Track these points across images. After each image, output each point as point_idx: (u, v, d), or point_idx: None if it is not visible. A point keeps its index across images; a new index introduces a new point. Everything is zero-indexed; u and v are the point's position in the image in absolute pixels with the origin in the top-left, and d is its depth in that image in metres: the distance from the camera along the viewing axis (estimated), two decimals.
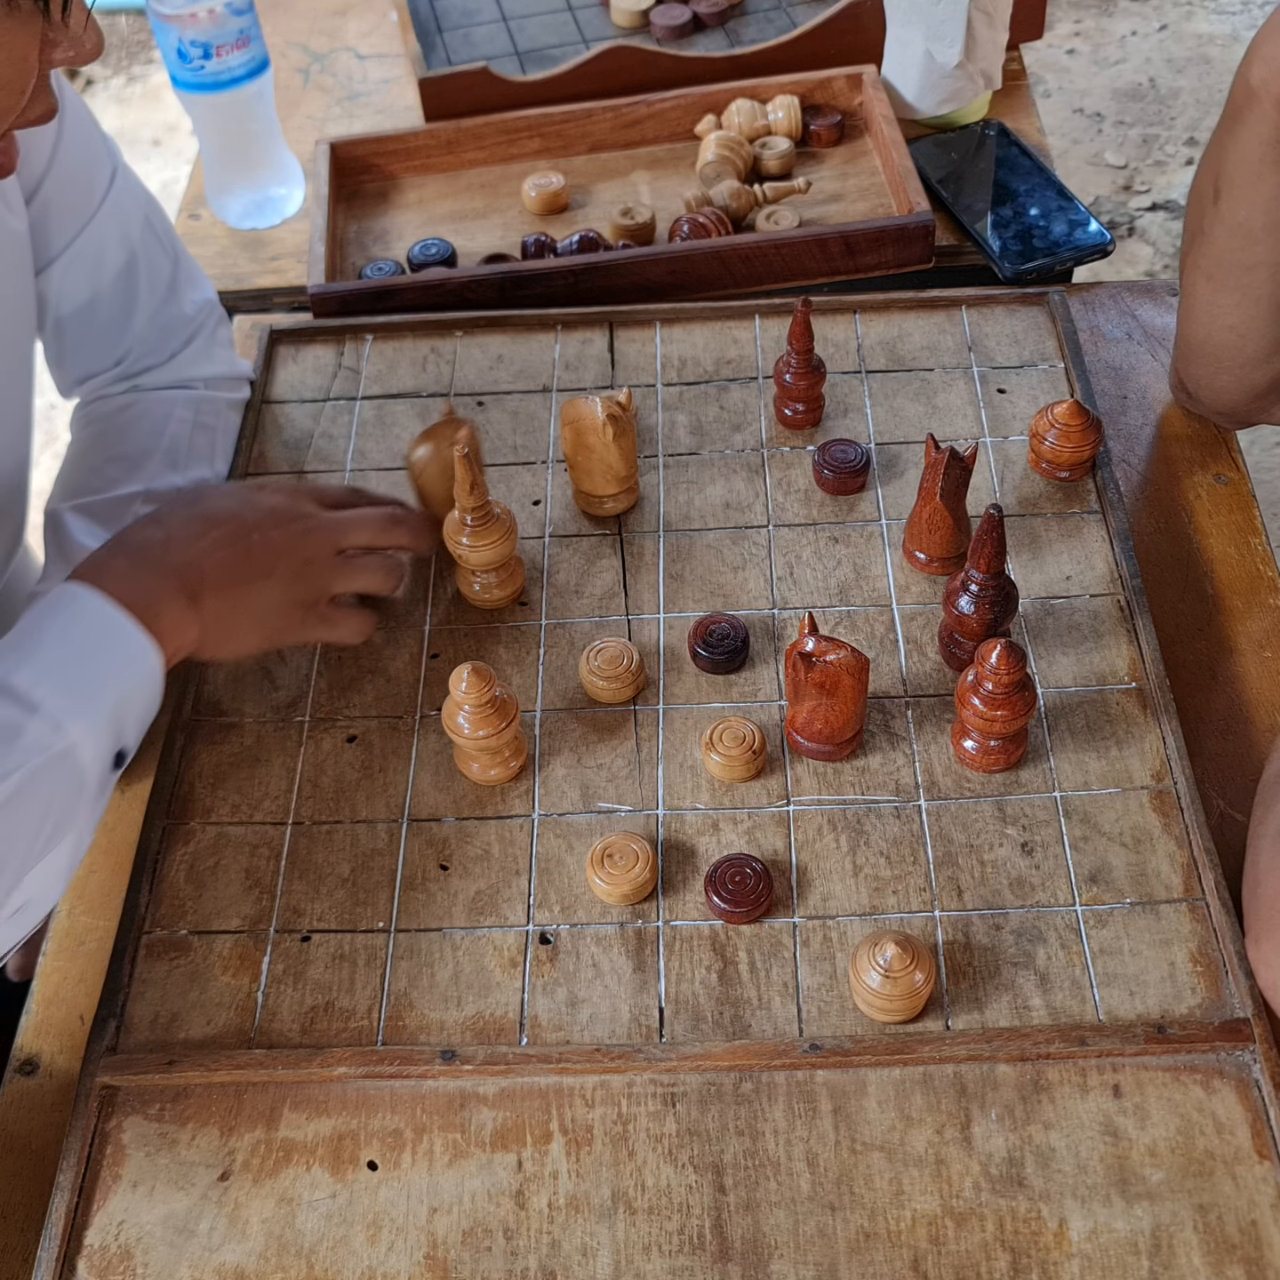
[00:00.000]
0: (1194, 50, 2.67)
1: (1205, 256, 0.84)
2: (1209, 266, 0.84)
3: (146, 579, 0.71)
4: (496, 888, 0.73)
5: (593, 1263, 0.62)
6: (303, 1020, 0.69)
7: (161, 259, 0.91)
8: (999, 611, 0.76)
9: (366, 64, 1.31)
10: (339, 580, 0.79)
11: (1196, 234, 0.85)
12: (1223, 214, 0.81)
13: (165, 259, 0.91)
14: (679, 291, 1.03)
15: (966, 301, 0.98)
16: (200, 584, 0.72)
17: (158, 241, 0.91)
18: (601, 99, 1.15)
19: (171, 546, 0.73)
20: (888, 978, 0.65)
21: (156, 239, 0.91)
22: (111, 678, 0.68)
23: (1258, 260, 0.81)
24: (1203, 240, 0.84)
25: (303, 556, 0.77)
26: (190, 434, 0.90)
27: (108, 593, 0.69)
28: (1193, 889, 0.70)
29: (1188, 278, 0.87)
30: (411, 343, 0.99)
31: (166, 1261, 0.63)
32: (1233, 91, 0.78)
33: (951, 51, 1.10)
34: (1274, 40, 0.74)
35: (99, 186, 0.86)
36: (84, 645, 0.68)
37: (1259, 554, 0.86)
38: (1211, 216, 0.82)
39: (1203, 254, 0.84)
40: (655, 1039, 0.67)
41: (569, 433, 0.84)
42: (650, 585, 0.85)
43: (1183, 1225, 0.61)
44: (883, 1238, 0.61)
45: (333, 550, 0.78)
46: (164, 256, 0.91)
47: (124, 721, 0.68)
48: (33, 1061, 0.71)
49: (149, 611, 0.69)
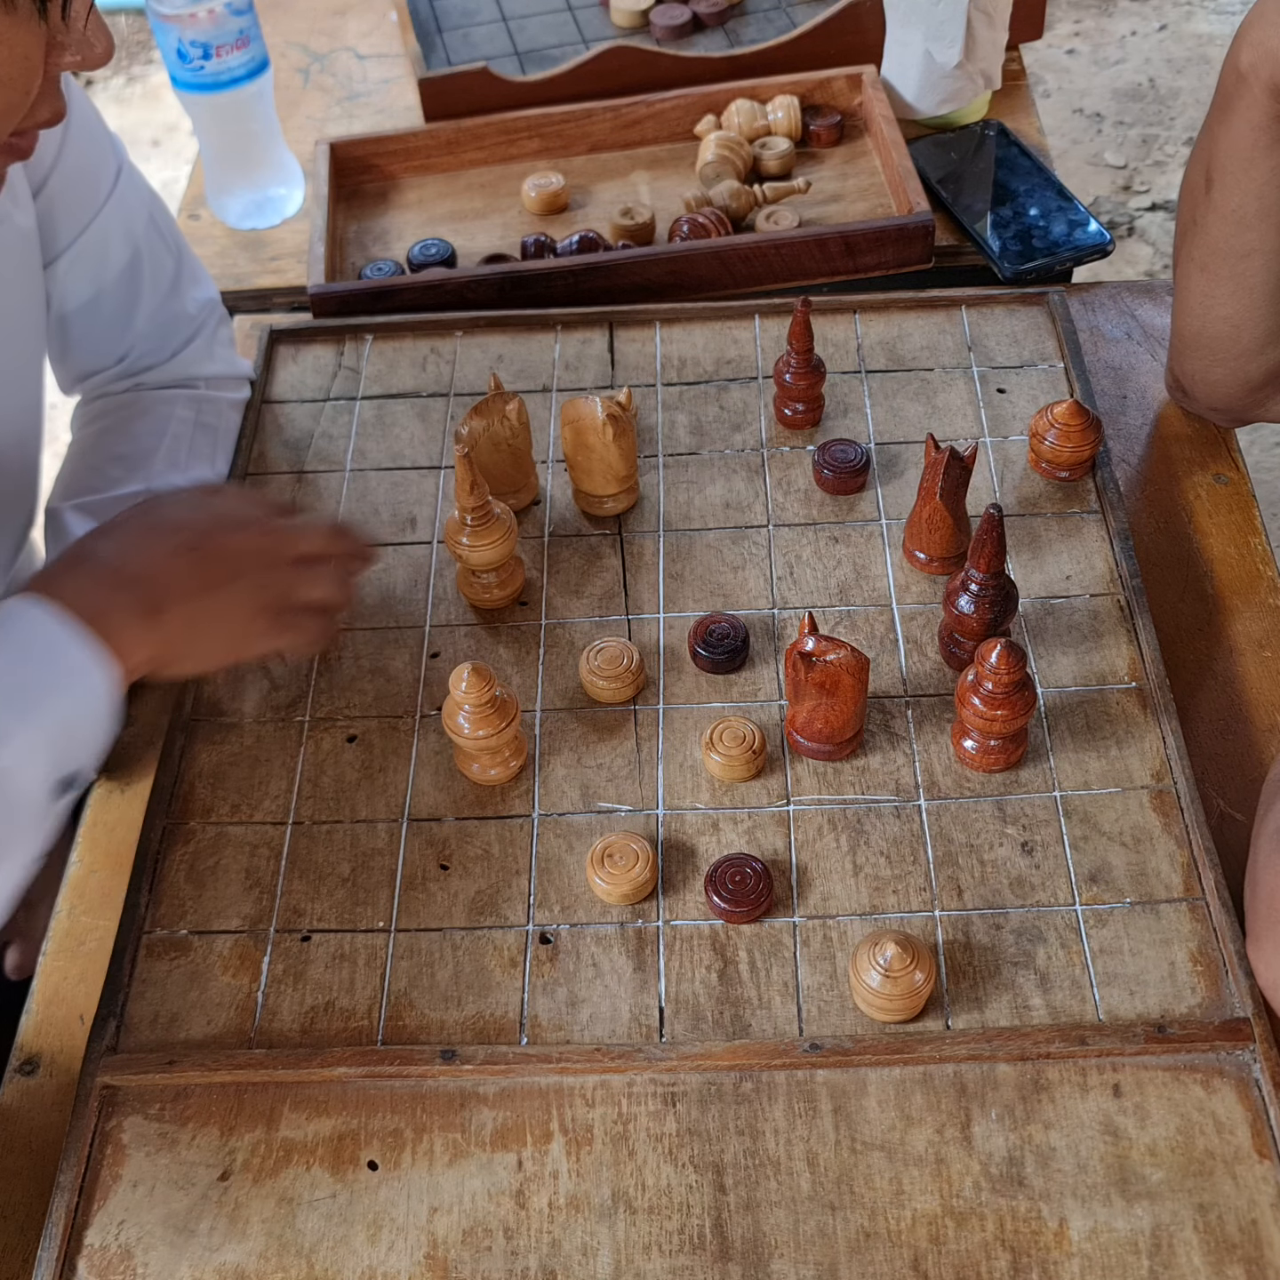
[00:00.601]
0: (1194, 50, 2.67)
1: (1199, 247, 0.84)
2: (1203, 257, 0.84)
3: (101, 593, 0.67)
4: (496, 888, 0.73)
5: (593, 1262, 0.62)
6: (303, 1020, 0.69)
7: (165, 256, 0.91)
8: (999, 611, 0.76)
9: (366, 64, 1.31)
10: (301, 585, 0.75)
11: (1189, 226, 0.85)
12: (1215, 203, 0.81)
13: (169, 256, 0.91)
14: (679, 291, 1.03)
15: (966, 301, 0.98)
16: (161, 596, 0.69)
17: (161, 239, 0.91)
18: (601, 99, 1.15)
19: (127, 558, 0.70)
20: (888, 977, 0.65)
21: (160, 236, 0.91)
22: (54, 696, 0.64)
23: (1252, 247, 0.81)
24: (1196, 231, 0.84)
25: (265, 560, 0.74)
26: (192, 433, 0.91)
27: (58, 607, 0.65)
28: (1193, 889, 0.70)
29: (1181, 270, 0.87)
30: (411, 343, 0.99)
31: (166, 1261, 0.63)
32: (1221, 79, 0.78)
33: (951, 51, 1.10)
34: (1261, 25, 0.74)
35: (104, 183, 0.86)
36: (24, 662, 0.64)
37: (1259, 554, 0.86)
38: (1204, 206, 0.82)
39: (1196, 245, 0.84)
40: (655, 1039, 0.67)
41: (569, 433, 0.84)
42: (650, 585, 0.85)
43: (1183, 1225, 0.61)
44: (883, 1237, 0.61)
45: (291, 555, 0.75)
46: (167, 254, 0.91)
47: (70, 743, 0.65)
48: (33, 1061, 0.71)
49: (103, 626, 0.66)
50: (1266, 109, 0.75)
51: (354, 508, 0.90)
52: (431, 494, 0.90)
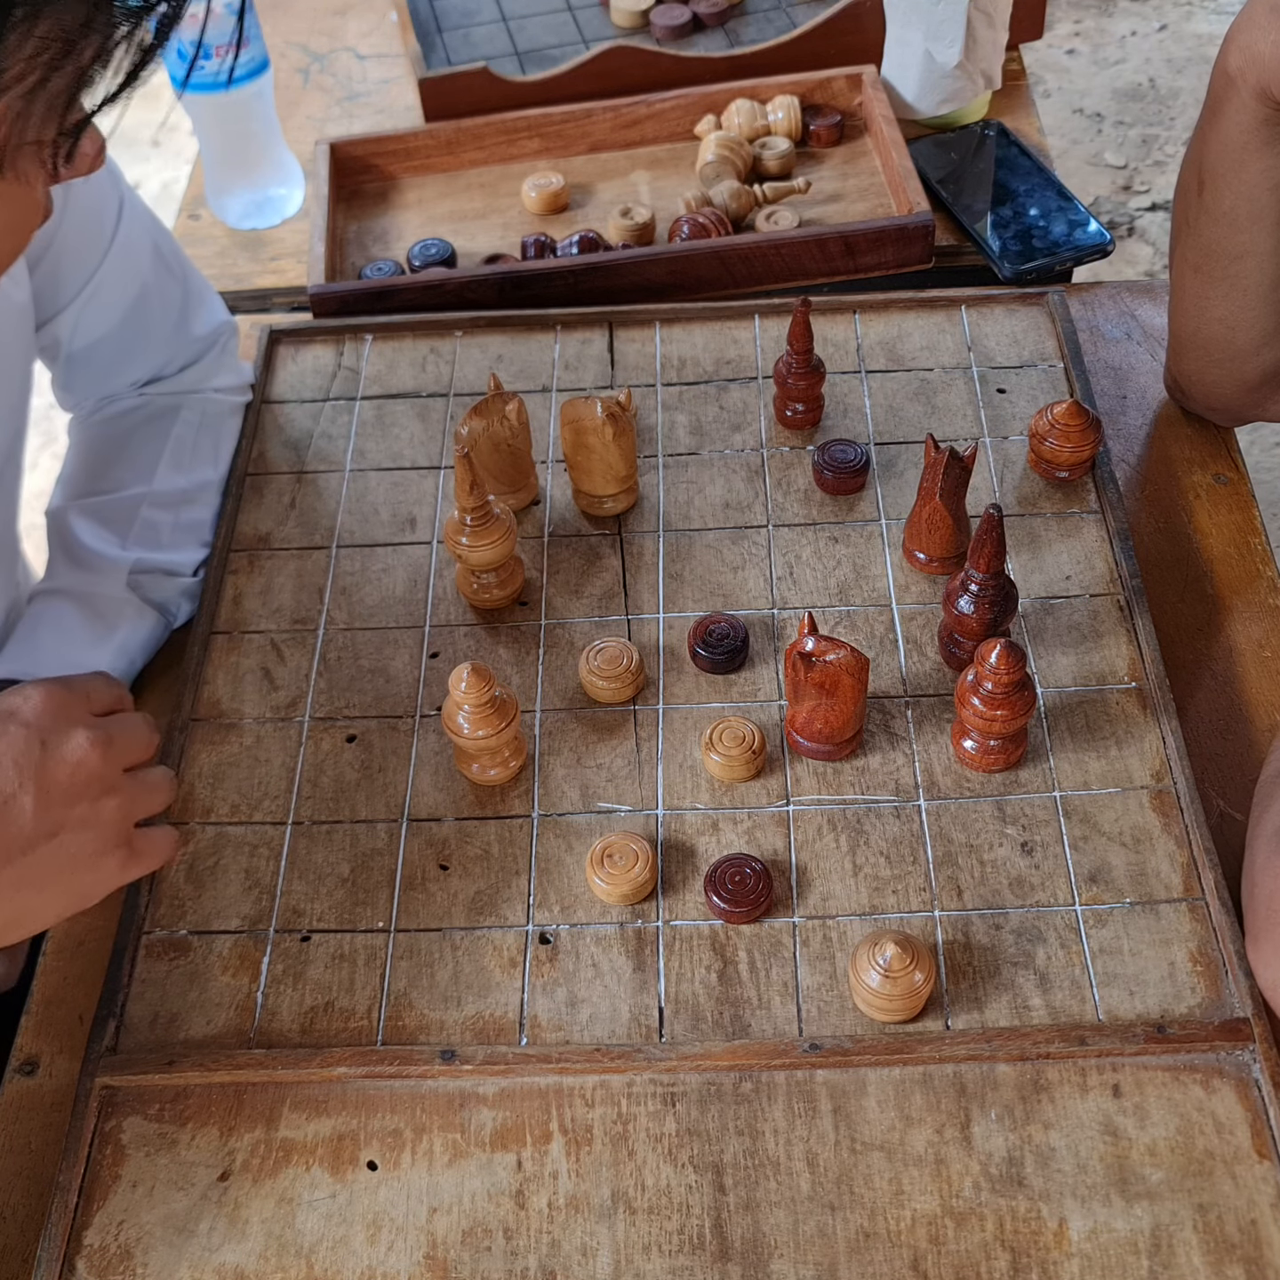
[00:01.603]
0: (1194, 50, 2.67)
1: (1192, 249, 0.84)
2: (1196, 259, 0.84)
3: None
4: (496, 888, 0.73)
5: (593, 1263, 0.62)
6: (302, 1020, 0.69)
7: (171, 286, 0.91)
8: (999, 611, 0.76)
9: (366, 64, 1.31)
10: (138, 804, 0.64)
11: (1182, 227, 0.85)
12: (1207, 204, 0.81)
13: (175, 285, 0.91)
14: (679, 291, 1.03)
15: (966, 301, 0.98)
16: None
17: (167, 269, 0.91)
18: (601, 99, 1.15)
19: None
20: (887, 977, 0.65)
21: (166, 267, 0.91)
22: None
23: (1244, 249, 0.81)
24: (1189, 233, 0.84)
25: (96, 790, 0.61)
26: (195, 436, 0.91)
27: None
28: (1192, 889, 0.70)
29: (1176, 271, 0.87)
30: (411, 343, 0.99)
31: (166, 1261, 0.63)
32: (1211, 82, 0.78)
33: (951, 51, 1.10)
34: (1249, 29, 0.74)
35: (108, 225, 0.86)
36: None
37: (1259, 554, 0.86)
38: (1196, 208, 0.82)
39: (1190, 246, 0.84)
40: (655, 1039, 0.67)
41: (569, 433, 0.84)
42: (650, 585, 0.85)
43: (1182, 1225, 0.61)
44: (882, 1237, 0.61)
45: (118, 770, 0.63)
46: (173, 283, 0.91)
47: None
48: (33, 1061, 0.71)
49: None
50: (1255, 112, 0.75)
51: (354, 508, 0.90)
52: (431, 494, 0.90)
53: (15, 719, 0.61)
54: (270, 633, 0.84)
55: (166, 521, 0.87)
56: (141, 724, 0.66)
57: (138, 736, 0.65)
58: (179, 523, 0.87)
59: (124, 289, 0.87)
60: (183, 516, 0.88)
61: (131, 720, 0.66)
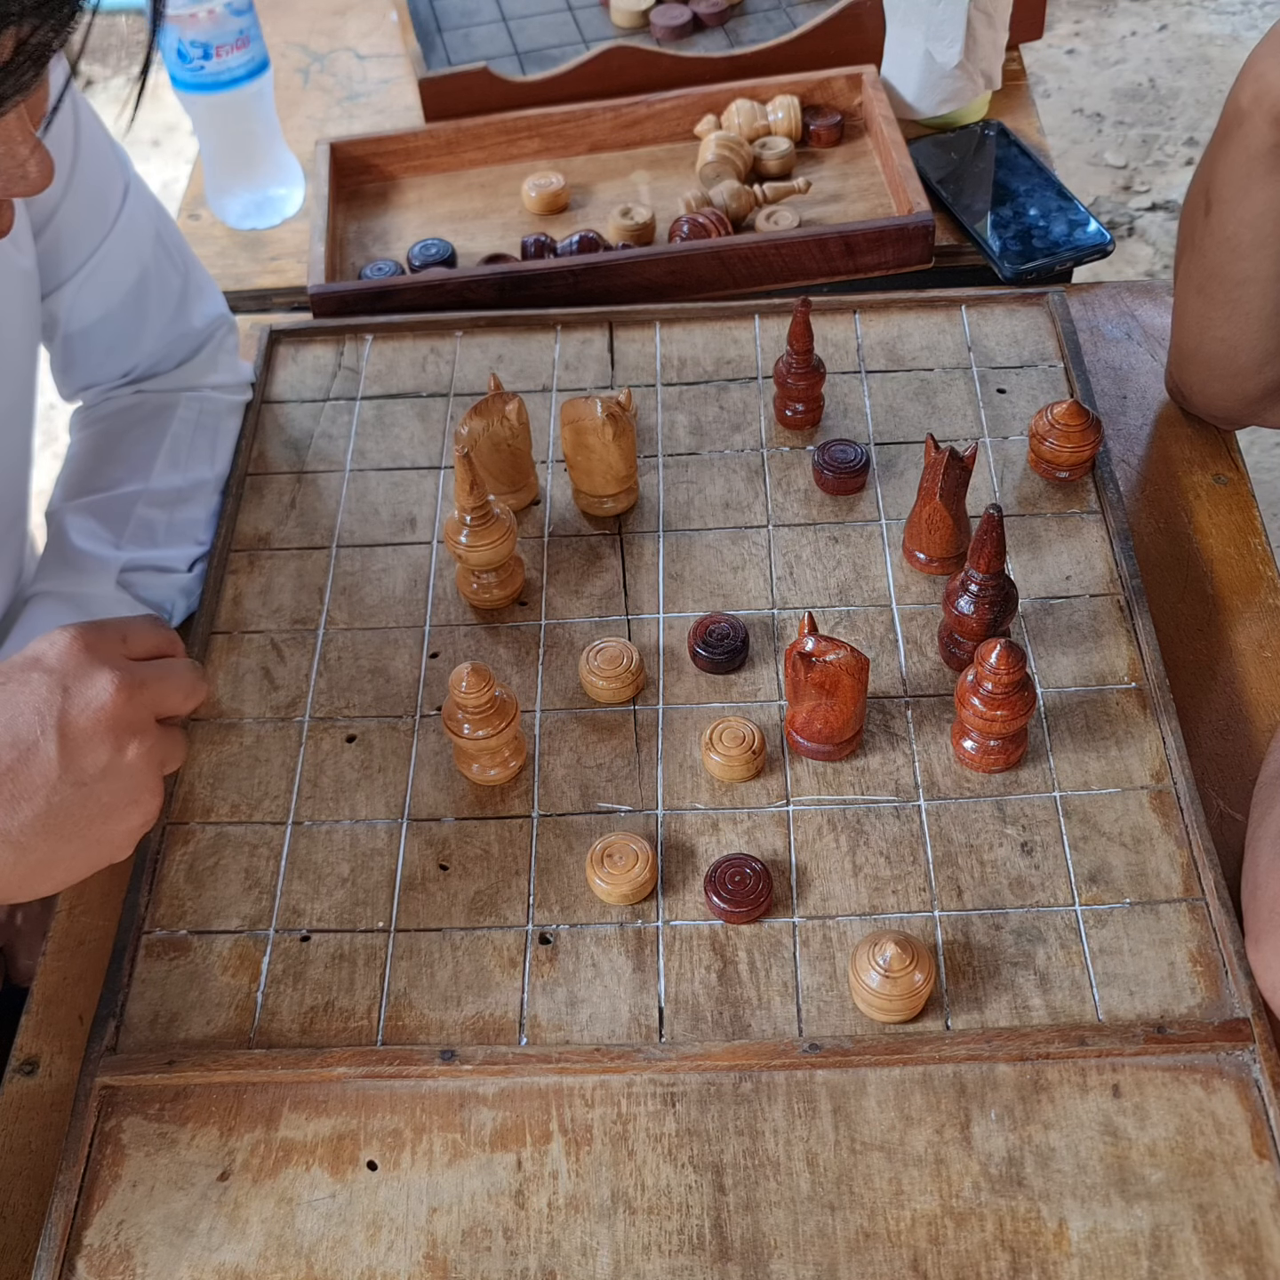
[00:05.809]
0: (1194, 50, 2.67)
1: (1196, 269, 0.84)
2: (1200, 279, 0.84)
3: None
4: (496, 888, 0.73)
5: (592, 1263, 0.62)
6: (302, 1020, 0.69)
7: (171, 274, 0.91)
8: (999, 611, 0.76)
9: (366, 64, 1.31)
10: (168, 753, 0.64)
11: (1188, 246, 0.85)
12: (1213, 228, 0.81)
13: (175, 274, 0.91)
14: (679, 291, 1.03)
15: (966, 301, 0.98)
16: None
17: (168, 256, 0.91)
18: (601, 99, 1.15)
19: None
20: (887, 978, 0.65)
21: (167, 254, 0.91)
22: None
23: (1247, 275, 0.81)
24: (1194, 253, 0.84)
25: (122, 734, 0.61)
26: (192, 434, 0.91)
27: None
28: (1192, 889, 0.70)
29: (1179, 290, 0.87)
30: (411, 343, 0.99)
31: (166, 1261, 0.63)
32: (1226, 107, 0.79)
33: (951, 51, 1.10)
34: (1267, 56, 0.75)
35: (112, 205, 0.86)
36: None
37: (1259, 554, 0.86)
38: (1202, 230, 0.82)
39: (1194, 266, 0.84)
40: (655, 1039, 0.67)
41: (569, 433, 0.84)
42: (650, 585, 0.85)
43: (1182, 1225, 0.61)
44: (882, 1238, 0.61)
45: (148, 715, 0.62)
46: (174, 272, 0.91)
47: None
48: (33, 1061, 0.71)
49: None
50: (1266, 137, 0.76)
51: (354, 508, 0.90)
52: (431, 494, 0.90)
53: (39, 665, 0.60)
54: (270, 633, 0.84)
55: (161, 520, 0.87)
56: (186, 671, 0.64)
57: (177, 683, 0.64)
58: (174, 521, 0.87)
59: (124, 271, 0.87)
60: (178, 515, 0.88)
61: (174, 666, 0.64)
